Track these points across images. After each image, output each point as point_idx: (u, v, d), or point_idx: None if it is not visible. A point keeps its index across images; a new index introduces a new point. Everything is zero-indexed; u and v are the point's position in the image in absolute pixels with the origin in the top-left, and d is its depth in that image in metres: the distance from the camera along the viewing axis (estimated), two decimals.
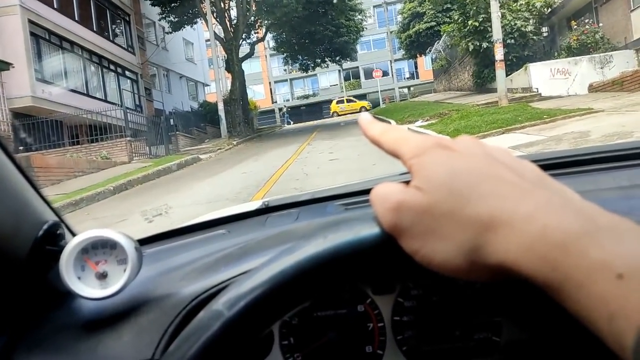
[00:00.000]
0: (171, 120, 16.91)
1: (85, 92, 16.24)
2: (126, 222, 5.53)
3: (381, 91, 33.29)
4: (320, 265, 0.32)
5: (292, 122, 34.53)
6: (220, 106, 17.80)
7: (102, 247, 0.51)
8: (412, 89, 40.42)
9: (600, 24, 14.45)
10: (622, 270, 0.23)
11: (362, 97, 42.07)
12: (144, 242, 0.77)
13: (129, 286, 0.52)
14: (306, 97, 44.77)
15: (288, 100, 44.80)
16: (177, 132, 17.06)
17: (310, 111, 42.57)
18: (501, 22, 12.61)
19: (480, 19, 15.07)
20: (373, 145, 0.36)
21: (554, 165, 0.86)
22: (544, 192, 0.28)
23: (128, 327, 0.50)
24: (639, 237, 0.25)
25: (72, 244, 0.49)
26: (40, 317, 0.54)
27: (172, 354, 0.32)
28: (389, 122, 14.21)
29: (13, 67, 12.23)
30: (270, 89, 44.04)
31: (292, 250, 0.33)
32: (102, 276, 0.50)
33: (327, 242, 0.33)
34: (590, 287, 0.24)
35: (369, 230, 0.33)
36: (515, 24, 15.06)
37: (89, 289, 0.49)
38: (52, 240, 0.55)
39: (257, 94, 41.13)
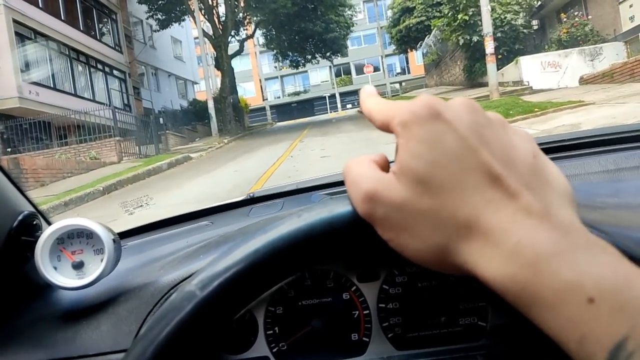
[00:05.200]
0: (161, 119, 16.77)
1: (73, 92, 16.05)
2: (117, 222, 5.49)
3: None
4: (293, 244, 0.31)
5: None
6: (210, 104, 17.68)
7: (78, 237, 0.50)
8: (403, 84, 40.39)
9: (590, 16, 14.55)
10: (593, 293, 0.23)
11: (353, 93, 42.08)
12: (126, 234, 0.76)
13: (107, 277, 0.51)
14: (297, 94, 44.65)
15: (279, 97, 44.70)
16: (167, 131, 16.92)
17: (302, 108, 42.50)
18: (491, 16, 12.62)
19: (470, 13, 15.07)
20: (368, 120, 0.33)
21: (542, 151, 0.86)
22: (524, 197, 0.26)
23: (106, 317, 0.49)
24: (612, 259, 0.24)
25: (46, 233, 0.47)
26: (18, 309, 0.53)
27: (144, 336, 0.31)
28: None
29: None
30: (261, 86, 43.86)
31: (266, 230, 0.33)
32: (79, 266, 0.49)
33: (301, 221, 0.32)
34: (560, 309, 0.24)
35: (343, 208, 0.32)
36: (505, 17, 15.11)
37: (65, 278, 0.48)
38: (27, 231, 0.53)
39: (248, 91, 40.91)
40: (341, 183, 0.84)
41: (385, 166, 0.32)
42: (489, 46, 11.94)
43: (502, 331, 0.58)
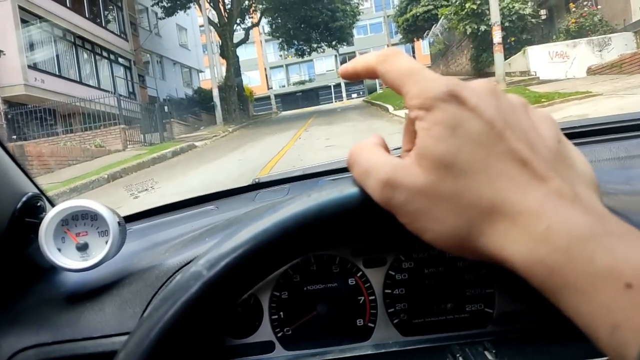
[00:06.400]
0: (165, 108, 16.74)
1: (78, 80, 16.06)
2: (122, 209, 5.49)
3: None
4: (303, 223, 0.30)
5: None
6: (215, 93, 17.64)
7: (82, 219, 0.49)
8: None
9: (599, 6, 14.33)
10: (632, 279, 0.22)
11: (358, 82, 41.85)
12: (131, 218, 0.76)
13: (112, 260, 0.51)
14: (302, 83, 44.45)
15: (284, 86, 44.54)
16: (172, 120, 16.90)
17: (307, 97, 42.35)
18: (499, 5, 12.47)
19: (478, 2, 14.89)
20: (364, 75, 0.31)
21: None
22: (555, 182, 0.26)
23: (110, 299, 0.49)
24: None
25: (50, 214, 0.47)
26: (22, 291, 0.53)
27: (150, 316, 0.30)
28: (386, 108, 14.20)
29: (4, 54, 12.09)
30: (266, 75, 43.68)
31: (276, 210, 0.32)
32: (83, 248, 0.48)
33: (311, 201, 0.31)
34: (593, 295, 0.23)
35: (354, 188, 0.31)
36: (514, 7, 14.90)
37: (69, 260, 0.48)
38: (31, 212, 0.53)
39: (253, 80, 40.76)
40: (347, 169, 0.83)
41: (386, 149, 0.32)
42: (497, 36, 11.82)
43: (508, 318, 0.57)
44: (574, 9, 14.94)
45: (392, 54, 0.31)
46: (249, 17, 24.60)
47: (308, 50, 27.35)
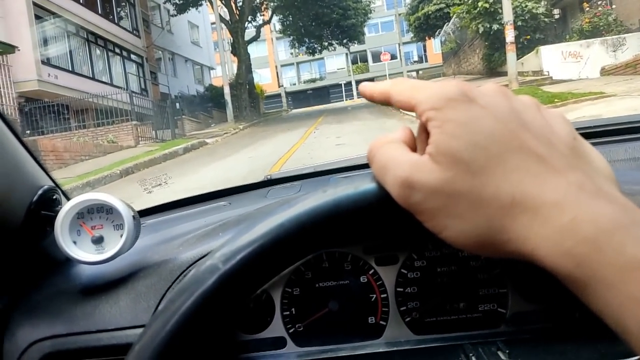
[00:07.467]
0: (177, 104, 16.88)
1: (91, 76, 16.21)
2: (134, 205, 5.53)
3: (389, 75, 32.96)
4: (318, 219, 0.30)
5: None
6: (227, 90, 17.71)
7: (98, 212, 0.50)
8: (420, 72, 39.87)
9: (613, 6, 14.16)
10: None
11: (369, 80, 41.55)
12: (144, 213, 0.77)
13: (126, 253, 0.51)
14: (313, 81, 44.43)
15: (295, 84, 44.57)
16: (183, 116, 17.03)
17: (317, 95, 42.32)
18: (512, 4, 12.37)
19: (491, 0, 14.80)
20: (383, 104, 0.32)
21: None
22: (575, 175, 0.25)
23: (125, 293, 0.49)
24: None
25: (66, 207, 0.48)
26: (38, 283, 0.53)
27: (166, 309, 0.31)
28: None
29: (19, 50, 12.22)
30: (277, 73, 43.72)
31: (291, 205, 0.32)
32: (98, 241, 0.49)
33: (327, 196, 0.31)
34: (622, 287, 0.22)
35: (369, 184, 0.31)
36: (527, 6, 14.78)
37: (85, 253, 0.48)
38: (47, 205, 0.54)
39: (264, 77, 40.87)
40: (359, 167, 0.83)
41: (412, 142, 0.31)
42: (509, 35, 11.72)
43: (522, 318, 0.57)
44: (587, 9, 14.76)
45: (402, 79, 0.32)
46: (260, 15, 24.63)
47: (319, 48, 27.33)
